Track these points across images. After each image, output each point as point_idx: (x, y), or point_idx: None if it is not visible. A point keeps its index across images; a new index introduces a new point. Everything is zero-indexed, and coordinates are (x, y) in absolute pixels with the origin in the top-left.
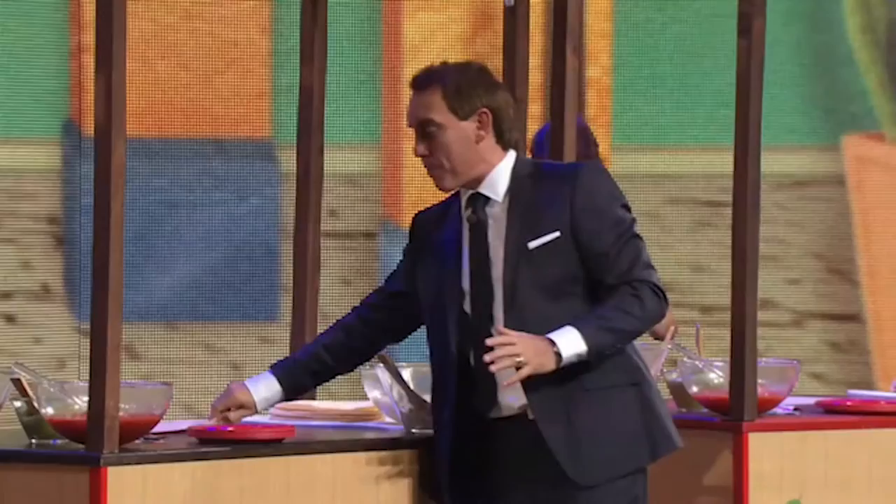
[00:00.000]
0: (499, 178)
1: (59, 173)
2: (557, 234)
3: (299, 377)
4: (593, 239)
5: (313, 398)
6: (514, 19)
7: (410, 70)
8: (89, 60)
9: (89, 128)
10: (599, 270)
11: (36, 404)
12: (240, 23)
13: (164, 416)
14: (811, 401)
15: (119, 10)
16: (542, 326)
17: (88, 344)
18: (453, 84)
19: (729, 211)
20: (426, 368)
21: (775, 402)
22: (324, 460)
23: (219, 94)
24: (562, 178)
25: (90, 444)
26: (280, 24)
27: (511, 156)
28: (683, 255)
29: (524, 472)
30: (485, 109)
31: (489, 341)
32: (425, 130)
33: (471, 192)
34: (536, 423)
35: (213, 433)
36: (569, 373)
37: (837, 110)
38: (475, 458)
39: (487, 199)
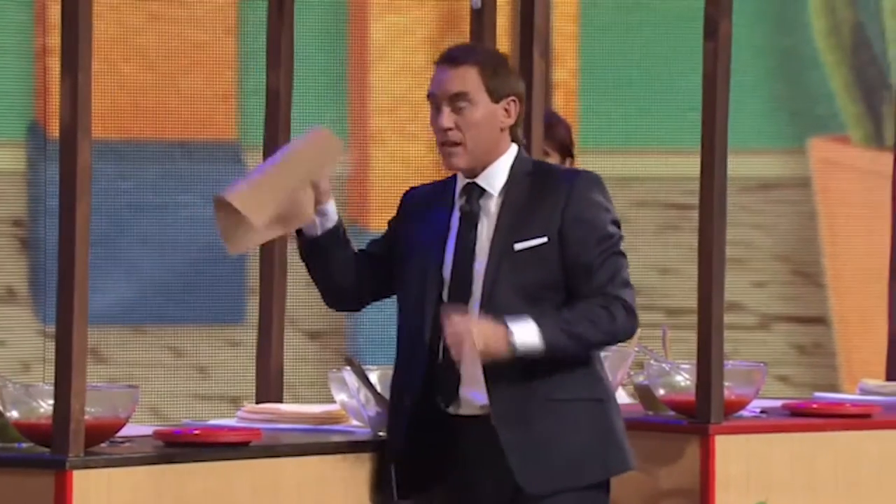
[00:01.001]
0: (498, 172)
1: (23, 175)
2: (545, 239)
3: (344, 234)
4: (578, 249)
5: (280, 401)
6: (481, 22)
7: (377, 72)
8: (54, 62)
9: (54, 130)
10: (577, 280)
11: (0, 407)
12: (205, 24)
13: (130, 420)
14: (777, 403)
15: (85, 12)
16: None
17: (53, 347)
18: (491, 65)
19: (695, 214)
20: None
21: (742, 405)
22: (290, 463)
23: (185, 96)
24: (558, 183)
25: (55, 447)
26: (246, 26)
27: (513, 150)
28: (650, 257)
29: (481, 473)
30: (514, 98)
31: (445, 319)
32: (455, 104)
33: (468, 181)
34: (492, 428)
35: (179, 436)
36: (533, 380)
37: (803, 113)
38: (432, 453)
39: (483, 191)
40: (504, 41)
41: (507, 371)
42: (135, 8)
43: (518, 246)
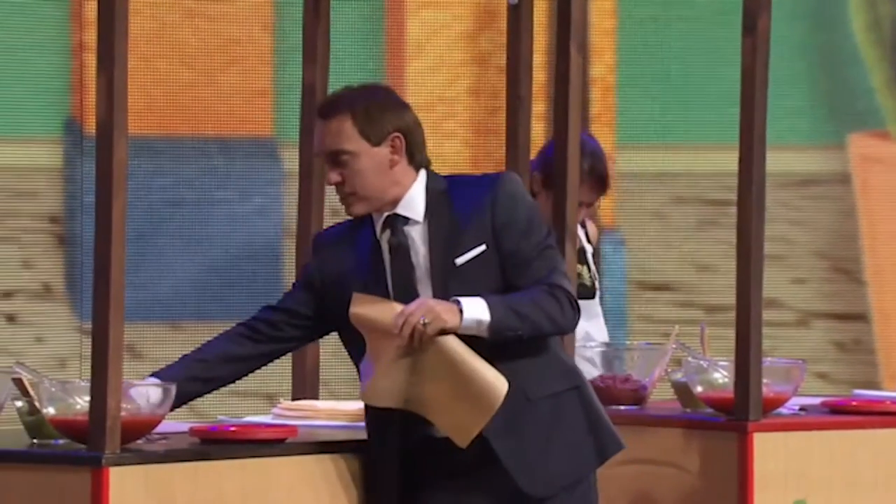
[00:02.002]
0: (415, 199)
1: (60, 172)
2: (483, 247)
3: (187, 386)
4: (513, 246)
5: (316, 398)
6: (518, 17)
7: (414, 68)
8: (91, 58)
9: (91, 126)
10: (516, 275)
11: (37, 404)
12: (242, 20)
13: (166, 416)
14: (816, 401)
15: (121, 8)
16: (477, 341)
17: (90, 343)
18: (363, 109)
19: (734, 210)
20: None
21: (780, 402)
22: (326, 460)
23: (221, 93)
24: (480, 190)
25: (92, 444)
26: (282, 22)
27: (423, 175)
28: (688, 254)
29: (476, 489)
30: (397, 134)
31: (393, 319)
32: (337, 159)
33: (386, 213)
34: (484, 439)
35: (215, 433)
36: (512, 385)
37: (843, 109)
38: (424, 478)
39: (406, 219)
40: (541, 36)
41: None
42: (171, 4)
43: (459, 260)
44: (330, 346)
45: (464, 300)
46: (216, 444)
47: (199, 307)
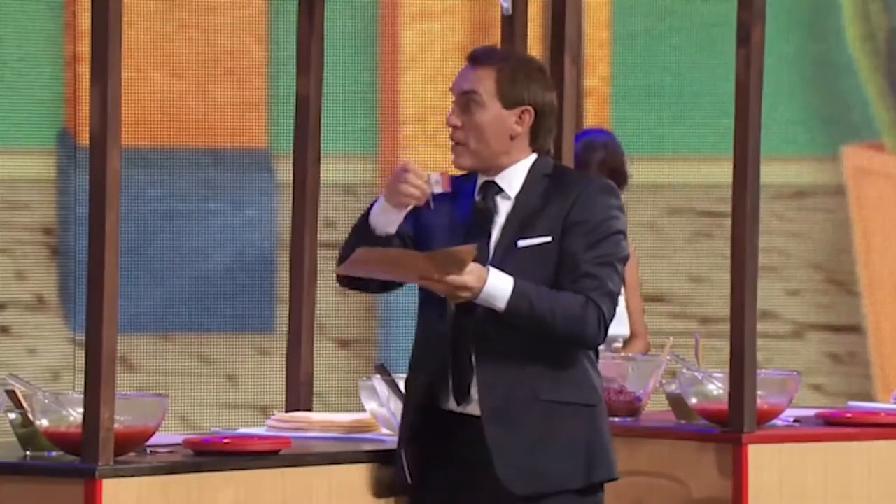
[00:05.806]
0: (517, 174)
1: (53, 183)
2: (549, 238)
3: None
4: (574, 248)
5: (310, 410)
6: (512, 28)
7: (408, 79)
8: (85, 70)
9: (84, 137)
10: (564, 278)
11: (30, 416)
12: (235, 32)
13: (160, 428)
14: (811, 412)
15: (114, 20)
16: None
17: (83, 355)
18: (511, 70)
19: (728, 221)
20: None
21: (775, 414)
22: (320, 472)
23: (214, 104)
24: (570, 187)
25: (85, 455)
26: (276, 34)
27: (532, 157)
28: (682, 265)
29: (477, 474)
30: (528, 107)
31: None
32: (465, 103)
33: (486, 178)
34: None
35: (208, 445)
36: (525, 378)
37: (837, 120)
38: (436, 447)
39: (500, 189)
40: (535, 48)
41: (499, 367)
42: (165, 16)
43: (521, 243)
44: (324, 359)
45: (493, 277)
46: (210, 456)
47: (193, 319)
